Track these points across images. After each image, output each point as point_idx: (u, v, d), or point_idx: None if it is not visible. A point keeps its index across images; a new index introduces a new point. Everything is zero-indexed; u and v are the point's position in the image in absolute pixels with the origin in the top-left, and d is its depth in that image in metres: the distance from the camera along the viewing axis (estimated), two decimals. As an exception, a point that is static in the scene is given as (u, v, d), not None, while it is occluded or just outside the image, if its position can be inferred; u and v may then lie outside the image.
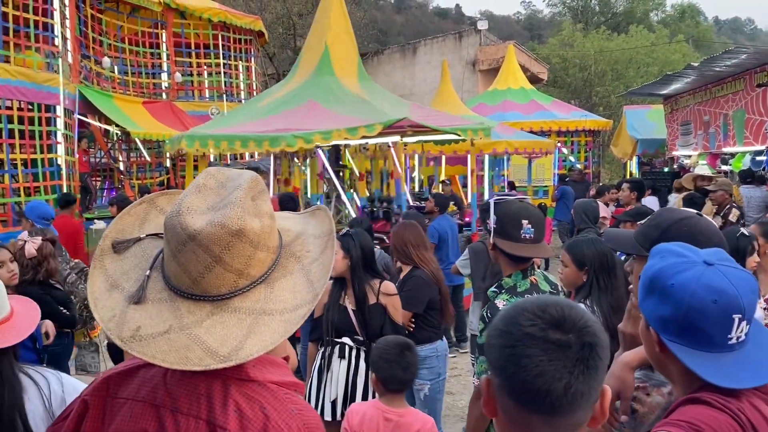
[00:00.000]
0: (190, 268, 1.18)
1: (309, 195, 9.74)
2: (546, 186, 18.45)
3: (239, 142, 7.38)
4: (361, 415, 2.89)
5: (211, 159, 15.40)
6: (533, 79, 24.22)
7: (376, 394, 3.08)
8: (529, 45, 39.96)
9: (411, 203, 10.30)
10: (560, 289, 3.03)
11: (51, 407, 2.12)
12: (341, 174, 10.08)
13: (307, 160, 9.45)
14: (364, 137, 7.42)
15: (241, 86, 17.89)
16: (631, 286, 1.88)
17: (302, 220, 1.43)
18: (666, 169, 17.52)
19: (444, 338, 4.63)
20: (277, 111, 8.03)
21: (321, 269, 1.30)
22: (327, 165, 8.97)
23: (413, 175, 16.17)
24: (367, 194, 10.58)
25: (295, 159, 12.21)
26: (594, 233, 5.31)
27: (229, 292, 1.20)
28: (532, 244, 2.74)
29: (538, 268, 2.96)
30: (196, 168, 14.66)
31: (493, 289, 2.85)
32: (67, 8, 11.90)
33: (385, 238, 7.38)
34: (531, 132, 15.75)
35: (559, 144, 17.99)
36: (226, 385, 1.22)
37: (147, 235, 1.32)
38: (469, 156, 12.48)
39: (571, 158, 19.58)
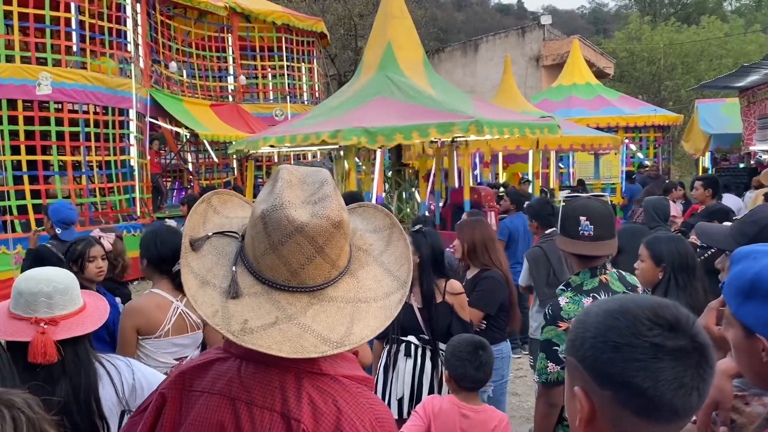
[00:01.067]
0: (291, 260, 1.20)
1: (374, 194, 9.77)
2: (614, 183, 17.94)
3: (361, 137, 7.40)
4: (437, 407, 2.88)
5: (275, 160, 15.75)
6: (599, 74, 23.61)
7: (450, 391, 3.05)
8: (594, 39, 38.96)
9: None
10: (642, 290, 2.91)
11: (123, 394, 2.21)
12: (403, 173, 10.07)
13: (373, 158, 9.53)
14: (454, 138, 7.47)
15: (304, 88, 18.15)
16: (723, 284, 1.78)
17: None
18: (742, 165, 16.73)
19: (508, 340, 4.54)
20: (348, 108, 8.11)
21: (394, 260, 1.33)
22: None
23: (475, 173, 16.02)
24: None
25: (357, 160, 12.33)
26: (666, 231, 5.09)
27: (323, 283, 1.23)
28: (590, 241, 2.68)
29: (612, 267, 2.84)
30: (259, 168, 15.06)
31: (561, 287, 2.81)
32: (139, 15, 12.37)
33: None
34: (597, 128, 15.35)
35: (626, 140, 17.47)
36: (299, 378, 1.22)
37: (213, 234, 1.34)
38: (531, 153, 12.27)
39: (640, 155, 18.97)
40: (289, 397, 1.20)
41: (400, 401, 3.66)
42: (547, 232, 5.30)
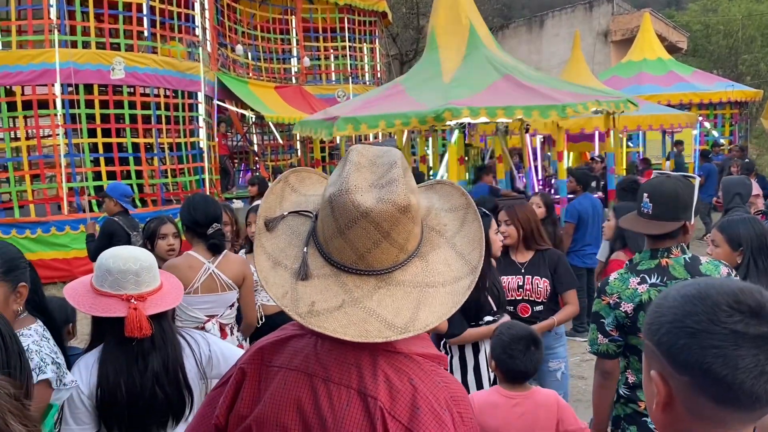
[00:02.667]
0: (357, 244, 1.21)
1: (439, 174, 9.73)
2: (686, 163, 17.26)
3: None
4: (483, 401, 2.79)
5: (337, 141, 15.86)
6: (671, 49, 22.63)
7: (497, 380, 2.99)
8: (666, 12, 37.24)
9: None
10: (727, 272, 2.79)
11: (202, 364, 2.34)
12: (468, 154, 9.99)
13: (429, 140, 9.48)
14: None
15: (366, 68, 18.15)
16: None
17: (424, 194, 1.41)
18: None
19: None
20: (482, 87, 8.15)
21: (467, 242, 1.30)
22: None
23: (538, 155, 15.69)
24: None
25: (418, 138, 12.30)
26: (743, 213, 4.88)
27: (392, 266, 1.23)
28: (646, 219, 2.63)
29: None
30: (323, 150, 15.21)
31: (627, 262, 2.76)
32: (206, 0, 12.61)
33: None
34: (669, 105, 14.77)
35: (700, 118, 16.73)
36: (374, 356, 1.24)
37: (289, 213, 1.36)
38: (596, 133, 11.90)
39: (714, 132, 18.13)
40: (365, 374, 1.22)
41: None
42: None
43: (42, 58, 9.82)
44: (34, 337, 2.01)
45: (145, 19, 10.94)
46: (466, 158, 9.94)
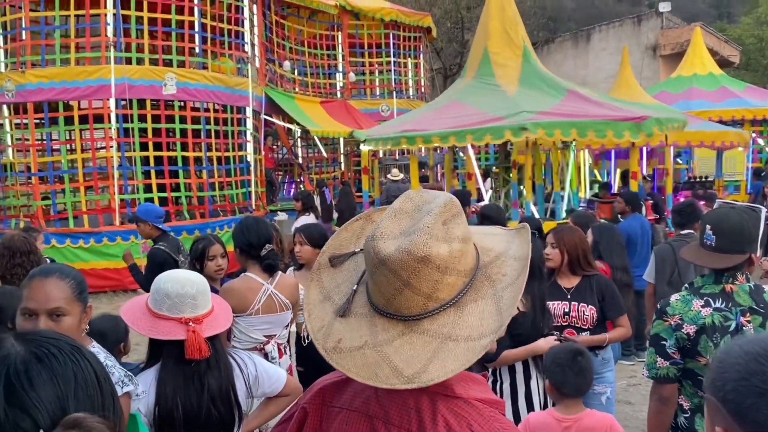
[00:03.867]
0: (383, 289, 1.23)
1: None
2: (738, 181, 16.77)
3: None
4: (538, 423, 2.84)
5: (380, 154, 15.97)
6: (723, 63, 22.09)
7: (551, 403, 3.01)
8: (717, 26, 36.43)
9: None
10: None
11: (249, 384, 2.41)
12: (510, 170, 9.92)
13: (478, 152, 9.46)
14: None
15: (410, 83, 18.25)
16: None
17: (508, 237, 1.40)
18: None
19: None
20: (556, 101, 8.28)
21: (512, 296, 1.26)
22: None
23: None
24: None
25: (460, 153, 12.28)
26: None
27: (420, 314, 1.22)
28: (708, 251, 2.60)
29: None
30: (357, 164, 15.30)
31: (685, 285, 2.71)
32: (255, 16, 12.90)
33: None
34: (721, 122, 14.39)
35: (754, 134, 16.24)
36: (434, 400, 1.25)
37: (361, 250, 1.37)
38: (639, 150, 11.65)
39: (769, 149, 17.61)
40: (425, 419, 1.23)
41: None
42: (682, 232, 5.38)
43: (98, 74, 10.18)
44: (102, 354, 2.10)
45: (196, 36, 11.26)
46: (507, 174, 9.87)
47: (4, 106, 10.57)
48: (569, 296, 3.92)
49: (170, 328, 2.21)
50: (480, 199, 10.13)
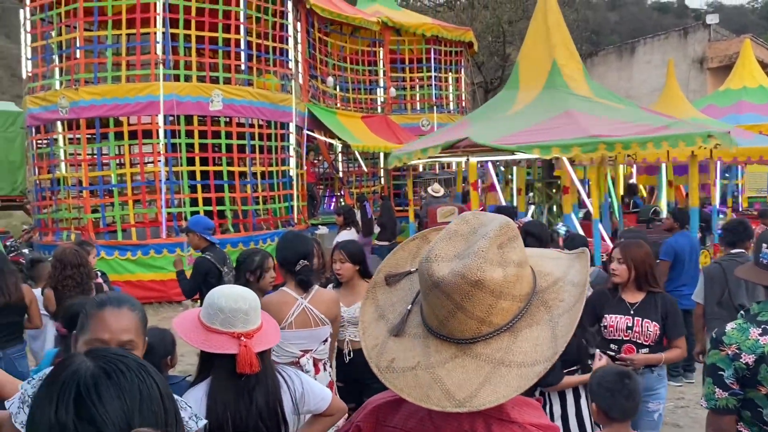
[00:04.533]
0: (436, 311, 1.24)
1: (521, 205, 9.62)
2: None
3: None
4: None
5: (420, 169, 15.98)
6: (774, 76, 21.48)
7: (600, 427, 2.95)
8: (767, 37, 35.48)
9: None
10: None
11: (296, 400, 2.42)
12: (553, 186, 9.82)
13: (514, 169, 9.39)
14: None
15: (450, 97, 18.27)
16: None
17: (567, 261, 1.38)
18: None
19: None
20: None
21: (568, 323, 1.25)
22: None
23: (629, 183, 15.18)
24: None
25: (501, 168, 12.18)
26: None
27: (473, 337, 1.23)
28: (765, 270, 2.56)
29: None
30: (397, 178, 15.33)
31: (741, 312, 2.64)
32: (299, 33, 13.12)
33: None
34: (772, 136, 13.96)
35: (807, 149, 15.70)
36: (488, 423, 1.25)
37: (416, 270, 1.38)
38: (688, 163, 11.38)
39: (823, 165, 16.99)
40: None
41: None
42: (732, 251, 5.23)
43: (148, 90, 10.49)
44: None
45: (242, 53, 11.51)
46: (550, 190, 9.77)
47: (59, 122, 10.97)
48: (632, 311, 3.88)
49: (222, 342, 2.25)
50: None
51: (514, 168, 11.15)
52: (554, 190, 9.91)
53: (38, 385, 1.26)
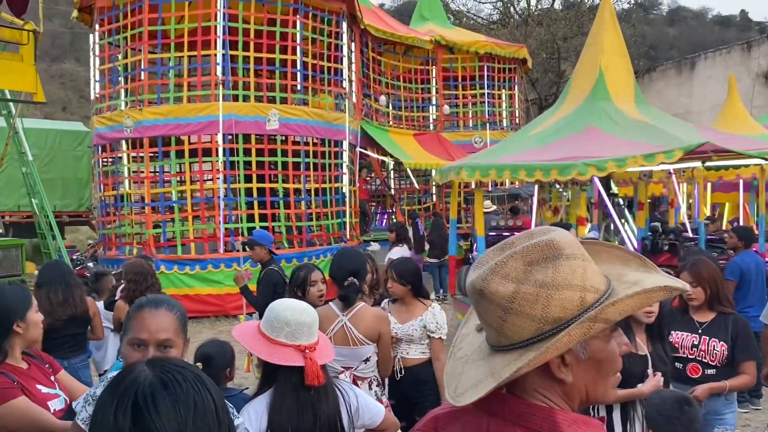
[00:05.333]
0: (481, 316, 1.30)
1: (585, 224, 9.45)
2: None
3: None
4: None
5: (472, 185, 15.89)
6: None
7: None
8: (838, 49, 33.97)
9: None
10: None
11: (351, 414, 2.43)
12: (612, 203, 9.63)
13: (569, 187, 9.25)
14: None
15: (504, 114, 18.17)
16: None
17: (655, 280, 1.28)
18: None
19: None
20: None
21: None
22: (603, 193, 8.58)
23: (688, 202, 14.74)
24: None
25: (557, 186, 12.01)
26: None
27: (494, 345, 1.27)
28: None
29: None
30: (459, 194, 15.30)
31: None
32: (353, 53, 13.33)
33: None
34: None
35: None
36: None
37: None
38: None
39: None
40: None
41: None
42: None
43: (208, 110, 10.84)
44: None
45: (298, 73, 11.77)
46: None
47: (123, 141, 11.43)
48: (700, 330, 3.76)
49: (289, 355, 2.29)
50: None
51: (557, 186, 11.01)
52: (614, 207, 9.74)
53: (103, 388, 1.33)
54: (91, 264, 12.70)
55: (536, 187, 11.38)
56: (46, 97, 11.41)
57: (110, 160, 12.18)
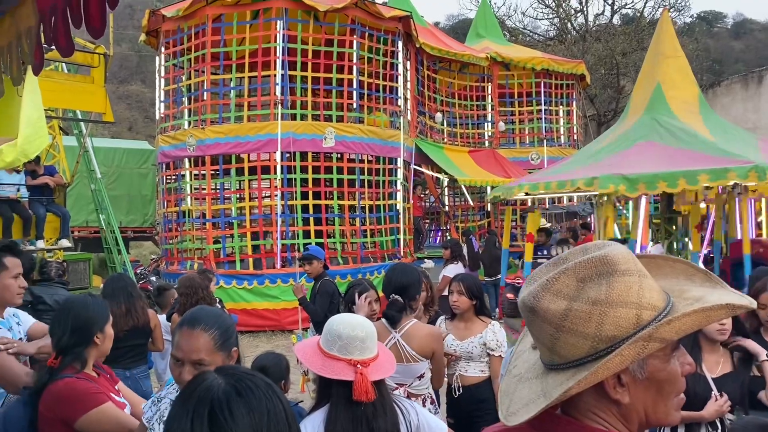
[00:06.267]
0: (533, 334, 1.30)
1: (638, 244, 9.21)
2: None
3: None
4: None
5: (528, 203, 15.69)
6: None
7: None
8: None
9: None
10: None
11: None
12: (673, 221, 9.36)
13: (629, 204, 9.03)
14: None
15: (561, 130, 17.91)
16: None
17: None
18: None
19: None
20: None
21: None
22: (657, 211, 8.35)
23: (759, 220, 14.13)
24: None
25: (617, 204, 11.73)
26: None
27: (547, 363, 1.25)
28: None
29: None
30: (514, 212, 15.14)
31: None
32: (409, 72, 13.44)
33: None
34: None
35: None
36: None
37: None
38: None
39: None
40: None
41: None
42: None
43: (267, 129, 11.11)
44: None
45: (354, 92, 11.94)
46: (669, 225, 9.32)
47: (186, 159, 11.81)
48: None
49: (339, 368, 2.30)
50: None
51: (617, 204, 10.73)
52: (674, 227, 9.43)
53: (173, 400, 1.38)
54: (153, 278, 13.12)
55: (596, 203, 11.12)
56: (114, 117, 11.94)
57: (173, 177, 12.60)
